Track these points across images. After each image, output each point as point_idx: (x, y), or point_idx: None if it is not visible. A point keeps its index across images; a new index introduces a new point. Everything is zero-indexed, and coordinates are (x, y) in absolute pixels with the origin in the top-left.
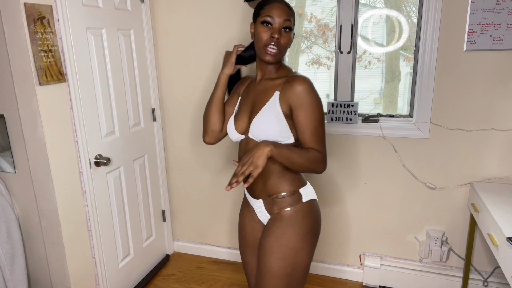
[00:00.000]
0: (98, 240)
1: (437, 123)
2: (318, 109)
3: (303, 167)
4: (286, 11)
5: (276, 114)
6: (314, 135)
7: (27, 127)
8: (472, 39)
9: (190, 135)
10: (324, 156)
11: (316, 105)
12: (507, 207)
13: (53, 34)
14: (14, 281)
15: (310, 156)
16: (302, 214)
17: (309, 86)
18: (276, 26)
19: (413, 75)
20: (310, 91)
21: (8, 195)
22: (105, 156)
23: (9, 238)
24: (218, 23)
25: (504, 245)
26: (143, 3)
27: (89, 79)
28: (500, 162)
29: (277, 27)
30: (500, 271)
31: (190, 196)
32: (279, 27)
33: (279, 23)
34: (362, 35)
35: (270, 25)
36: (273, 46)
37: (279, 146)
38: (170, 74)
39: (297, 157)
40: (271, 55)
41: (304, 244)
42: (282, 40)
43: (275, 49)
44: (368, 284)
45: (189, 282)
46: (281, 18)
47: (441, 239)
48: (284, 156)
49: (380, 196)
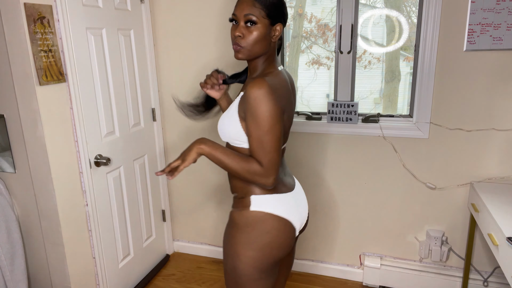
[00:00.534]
0: (98, 240)
1: (437, 123)
2: (266, 118)
3: (239, 175)
4: (249, 5)
5: (233, 116)
6: (258, 146)
7: (27, 127)
8: (472, 39)
9: (190, 135)
10: (266, 170)
11: (265, 114)
12: (507, 207)
13: (53, 34)
14: (14, 281)
15: (246, 167)
16: (244, 221)
17: (261, 92)
18: (240, 22)
19: (413, 75)
20: (261, 98)
21: (8, 195)
22: (105, 156)
23: (9, 238)
24: (218, 23)
25: (504, 245)
26: (143, 3)
27: (89, 79)
28: (500, 162)
29: (240, 23)
30: (500, 271)
31: (190, 196)
32: (242, 24)
33: (241, 19)
34: (362, 35)
35: (236, 22)
36: (236, 44)
37: (214, 147)
38: (170, 74)
39: (230, 162)
40: (236, 52)
41: (241, 252)
42: (246, 37)
43: (238, 46)
44: (368, 284)
45: (189, 282)
46: (242, 14)
47: (441, 239)
48: (216, 158)
49: (380, 196)
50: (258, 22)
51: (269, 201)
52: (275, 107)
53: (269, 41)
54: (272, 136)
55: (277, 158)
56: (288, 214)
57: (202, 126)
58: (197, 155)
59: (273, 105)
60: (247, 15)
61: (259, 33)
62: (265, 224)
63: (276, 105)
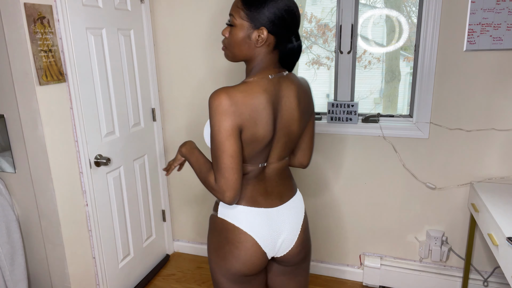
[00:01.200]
0: (98, 240)
1: (437, 123)
2: (216, 133)
3: (204, 184)
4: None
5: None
6: (213, 159)
7: (27, 127)
8: (472, 39)
9: (190, 135)
10: (218, 186)
11: (215, 127)
12: (507, 207)
13: (53, 34)
14: (14, 281)
15: (205, 178)
16: (213, 226)
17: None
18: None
19: (413, 75)
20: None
21: (8, 195)
22: (105, 156)
23: (9, 238)
24: (218, 23)
25: (504, 245)
26: (143, 3)
27: (89, 79)
28: (500, 162)
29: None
30: (500, 271)
31: (190, 196)
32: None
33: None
34: (362, 35)
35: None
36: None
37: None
38: (170, 74)
39: (197, 170)
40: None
41: (211, 257)
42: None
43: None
44: (368, 284)
45: (189, 282)
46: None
47: (441, 239)
48: (189, 162)
49: (380, 196)
50: (236, 23)
51: (232, 210)
52: (226, 123)
53: (251, 45)
54: (222, 152)
55: (231, 176)
56: (249, 229)
57: (201, 126)
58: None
59: (224, 120)
60: (229, 15)
61: (236, 35)
62: (227, 232)
63: (227, 121)
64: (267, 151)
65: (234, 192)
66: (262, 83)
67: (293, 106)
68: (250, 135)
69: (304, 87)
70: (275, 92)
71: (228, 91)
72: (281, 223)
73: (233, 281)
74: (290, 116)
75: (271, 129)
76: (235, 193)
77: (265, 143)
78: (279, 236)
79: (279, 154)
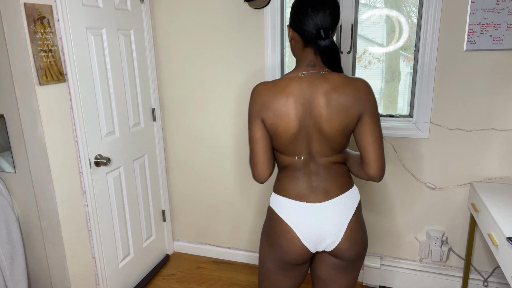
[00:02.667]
0: (98, 240)
1: (437, 123)
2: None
3: None
4: None
5: None
6: None
7: (27, 127)
8: (472, 39)
9: (190, 135)
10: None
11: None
12: (507, 207)
13: (53, 34)
14: (14, 281)
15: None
16: (267, 212)
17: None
18: None
19: (413, 75)
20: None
21: (8, 195)
22: (105, 156)
23: (9, 238)
24: (218, 23)
25: (504, 245)
26: (143, 3)
27: (89, 79)
28: (500, 162)
29: None
30: (500, 271)
31: (190, 196)
32: None
33: None
34: (362, 35)
35: None
36: None
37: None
38: (170, 74)
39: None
40: None
41: (261, 237)
42: None
43: None
44: (368, 284)
45: (189, 282)
46: None
47: (441, 239)
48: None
49: (380, 196)
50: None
51: (279, 201)
52: (250, 109)
53: (291, 43)
54: (249, 133)
55: (254, 156)
56: (291, 221)
57: (202, 126)
58: None
59: (250, 107)
60: None
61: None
62: (274, 221)
63: (251, 108)
64: (299, 144)
65: (258, 172)
66: (290, 79)
67: (321, 105)
68: (270, 124)
69: (347, 88)
70: (305, 89)
71: (262, 83)
72: (325, 219)
73: (276, 265)
74: (318, 114)
75: (295, 123)
76: (259, 173)
77: (290, 135)
78: (321, 231)
79: (320, 150)
